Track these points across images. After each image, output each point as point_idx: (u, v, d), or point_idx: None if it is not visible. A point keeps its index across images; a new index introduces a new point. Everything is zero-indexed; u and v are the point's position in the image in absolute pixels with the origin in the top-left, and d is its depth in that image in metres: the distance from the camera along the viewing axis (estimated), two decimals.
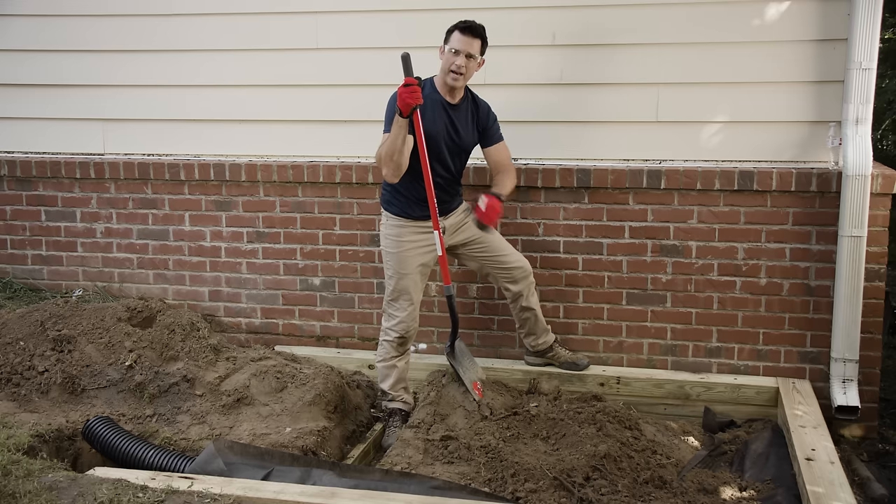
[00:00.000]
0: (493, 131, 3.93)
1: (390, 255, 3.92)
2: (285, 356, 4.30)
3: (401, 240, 3.88)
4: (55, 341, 3.88)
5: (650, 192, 4.21)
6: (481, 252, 4.02)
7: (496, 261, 4.02)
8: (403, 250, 3.88)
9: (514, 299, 4.10)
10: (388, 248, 3.93)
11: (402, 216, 3.88)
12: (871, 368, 4.09)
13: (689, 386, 4.16)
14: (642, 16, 4.12)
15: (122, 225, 4.87)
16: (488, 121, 3.92)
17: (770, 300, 4.17)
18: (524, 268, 4.04)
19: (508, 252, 4.04)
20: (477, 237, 3.99)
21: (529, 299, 4.09)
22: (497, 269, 4.04)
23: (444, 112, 3.79)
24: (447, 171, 3.86)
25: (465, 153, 3.93)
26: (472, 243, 4.01)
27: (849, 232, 3.91)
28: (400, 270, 3.89)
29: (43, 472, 2.94)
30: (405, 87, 3.47)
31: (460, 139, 3.84)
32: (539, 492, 3.11)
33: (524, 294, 4.06)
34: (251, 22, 4.54)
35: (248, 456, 3.24)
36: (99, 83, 4.78)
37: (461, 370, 3.92)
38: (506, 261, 4.02)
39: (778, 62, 4.03)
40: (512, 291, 4.07)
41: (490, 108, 3.95)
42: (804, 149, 4.08)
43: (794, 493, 3.24)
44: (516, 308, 4.13)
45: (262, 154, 4.67)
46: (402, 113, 3.49)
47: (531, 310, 4.12)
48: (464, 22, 3.72)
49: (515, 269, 4.02)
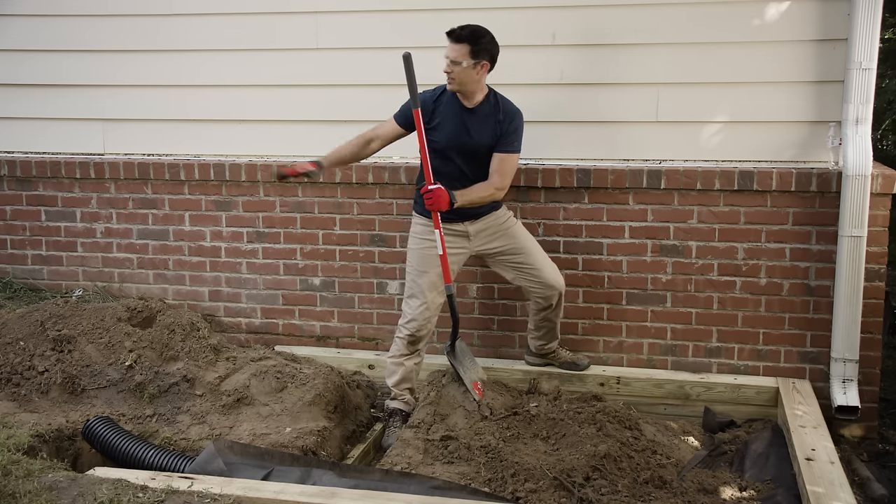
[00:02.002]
0: (504, 138, 3.77)
1: (412, 252, 3.93)
2: (285, 356, 4.30)
3: (423, 238, 3.88)
4: (55, 341, 3.89)
5: (650, 192, 4.21)
6: (516, 264, 3.95)
7: (531, 275, 3.95)
8: (423, 248, 3.88)
9: (539, 310, 4.06)
10: (411, 246, 3.95)
11: (424, 215, 3.88)
12: (871, 368, 4.09)
13: (689, 386, 4.16)
14: (642, 16, 4.12)
15: (122, 225, 4.87)
16: (508, 127, 3.76)
17: (770, 300, 4.17)
18: (556, 286, 3.96)
19: (545, 267, 3.96)
20: (512, 247, 3.93)
21: (556, 312, 4.06)
22: (530, 282, 3.96)
23: (459, 115, 3.76)
24: (463, 174, 3.80)
25: (482, 156, 3.81)
26: (506, 253, 3.95)
27: (849, 232, 3.91)
28: (418, 268, 3.89)
29: (43, 472, 2.94)
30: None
31: (473, 142, 3.76)
32: (539, 492, 3.11)
33: (552, 308, 4.03)
34: (251, 22, 4.54)
35: (248, 456, 3.24)
36: (99, 83, 4.78)
37: (461, 370, 3.92)
38: (541, 276, 3.94)
39: (778, 62, 4.03)
40: (541, 305, 4.03)
41: (515, 118, 3.79)
42: (804, 149, 4.08)
43: (794, 493, 3.24)
44: (538, 317, 4.09)
45: (262, 154, 4.67)
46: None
47: (553, 322, 4.11)
48: (452, 28, 3.67)
49: (549, 286, 3.95)
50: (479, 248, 3.94)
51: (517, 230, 3.99)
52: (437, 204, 3.66)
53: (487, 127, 3.77)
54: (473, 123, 3.77)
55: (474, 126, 3.77)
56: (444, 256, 3.80)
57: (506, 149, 3.79)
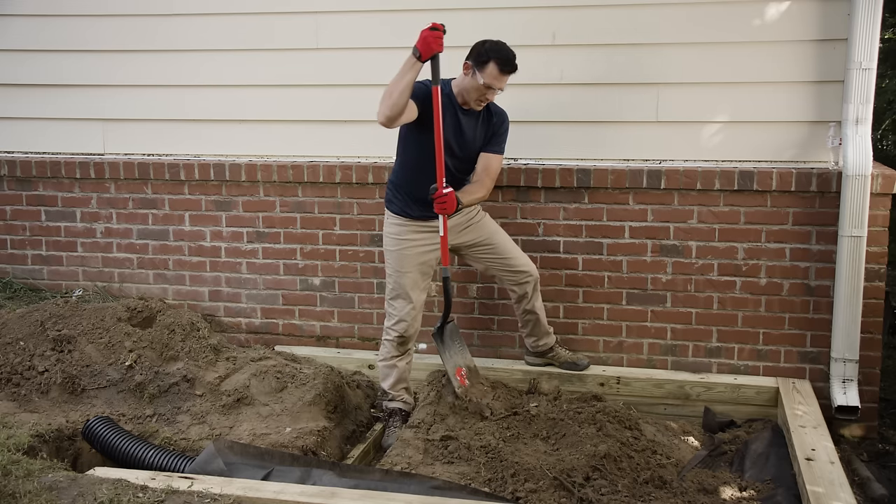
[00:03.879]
0: (495, 140, 3.87)
1: (390, 254, 3.93)
2: (285, 356, 4.30)
3: (400, 238, 3.89)
4: (55, 341, 3.89)
5: (650, 192, 4.21)
6: (487, 254, 4.01)
7: (502, 263, 4.01)
8: (402, 248, 3.88)
9: (517, 301, 4.10)
10: (388, 247, 3.94)
11: (401, 215, 3.89)
12: (871, 368, 4.09)
13: (689, 386, 4.16)
14: (642, 16, 4.12)
15: (122, 225, 4.87)
16: (499, 129, 3.87)
17: (770, 300, 4.17)
18: (529, 271, 4.03)
19: (515, 255, 4.03)
20: (483, 239, 3.98)
21: (533, 302, 4.08)
22: (502, 271, 4.03)
23: (453, 115, 3.77)
24: (449, 172, 3.81)
25: (469, 156, 3.88)
26: (477, 245, 4.00)
27: (849, 232, 3.91)
28: (399, 269, 3.90)
29: (43, 472, 2.95)
30: (431, 30, 3.42)
31: (464, 143, 3.82)
32: (539, 492, 3.11)
33: (528, 296, 4.06)
34: (251, 22, 4.54)
35: (248, 456, 3.24)
36: (99, 83, 4.78)
37: (446, 354, 3.89)
38: (512, 264, 4.01)
39: (778, 62, 4.03)
40: (516, 293, 4.07)
41: (505, 120, 3.89)
42: (804, 149, 4.08)
43: (794, 493, 3.24)
44: (519, 309, 4.13)
45: (262, 154, 4.67)
46: (421, 56, 3.44)
47: (534, 313, 4.11)
48: (506, 58, 3.60)
49: (521, 272, 4.01)
50: (454, 242, 3.95)
51: (486, 221, 4.04)
52: (449, 208, 3.67)
53: (479, 128, 3.83)
54: (467, 124, 3.80)
55: (467, 127, 3.81)
56: (444, 238, 3.77)
57: (495, 149, 3.88)
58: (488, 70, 3.62)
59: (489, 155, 3.88)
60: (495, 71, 3.61)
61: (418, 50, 3.44)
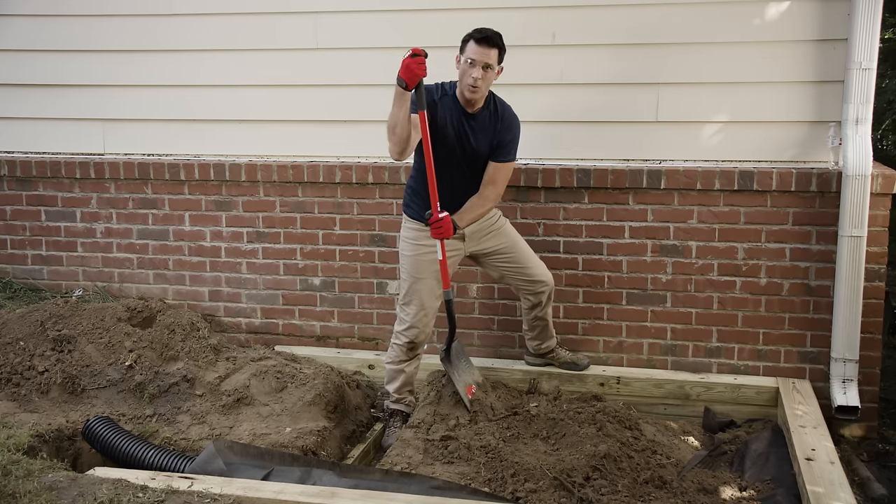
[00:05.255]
0: (500, 149, 3.72)
1: (406, 259, 3.87)
2: (285, 356, 4.30)
3: (417, 243, 3.83)
4: (55, 341, 3.89)
5: (650, 192, 4.21)
6: (506, 262, 3.95)
7: (520, 272, 3.95)
8: (419, 254, 3.82)
9: (530, 308, 4.06)
10: (404, 252, 3.88)
11: (418, 220, 3.79)
12: (871, 368, 4.09)
13: (689, 386, 4.16)
14: (642, 15, 4.12)
15: (122, 225, 4.87)
16: (505, 137, 3.72)
17: (770, 300, 4.17)
18: (546, 281, 3.98)
19: (533, 264, 3.97)
20: (505, 246, 3.92)
21: (545, 310, 4.06)
22: (519, 280, 3.97)
23: (461, 119, 3.68)
24: (463, 178, 3.76)
25: (481, 162, 3.76)
26: (498, 252, 3.94)
27: (849, 232, 3.91)
28: (414, 274, 3.84)
29: (43, 472, 2.94)
30: (412, 57, 3.32)
31: (475, 147, 3.71)
32: (539, 492, 3.11)
33: (542, 305, 4.03)
34: (251, 22, 4.54)
35: (248, 456, 3.24)
36: (99, 83, 4.78)
37: (455, 374, 3.86)
38: (530, 273, 3.95)
39: (778, 62, 4.03)
40: (531, 302, 4.03)
41: (512, 127, 3.74)
42: (804, 149, 4.08)
43: (794, 493, 3.24)
44: (530, 315, 4.10)
45: (262, 154, 4.67)
46: (408, 86, 3.35)
47: (544, 319, 4.10)
48: (479, 32, 3.56)
49: (538, 281, 3.96)
50: (473, 248, 3.92)
51: (507, 229, 3.99)
52: (445, 233, 3.60)
53: (486, 135, 3.72)
54: (474, 129, 3.71)
55: (475, 132, 3.71)
56: (443, 262, 3.72)
57: (502, 158, 3.75)
58: (468, 48, 3.57)
59: (495, 164, 3.74)
60: (473, 45, 3.55)
61: (403, 80, 3.34)
